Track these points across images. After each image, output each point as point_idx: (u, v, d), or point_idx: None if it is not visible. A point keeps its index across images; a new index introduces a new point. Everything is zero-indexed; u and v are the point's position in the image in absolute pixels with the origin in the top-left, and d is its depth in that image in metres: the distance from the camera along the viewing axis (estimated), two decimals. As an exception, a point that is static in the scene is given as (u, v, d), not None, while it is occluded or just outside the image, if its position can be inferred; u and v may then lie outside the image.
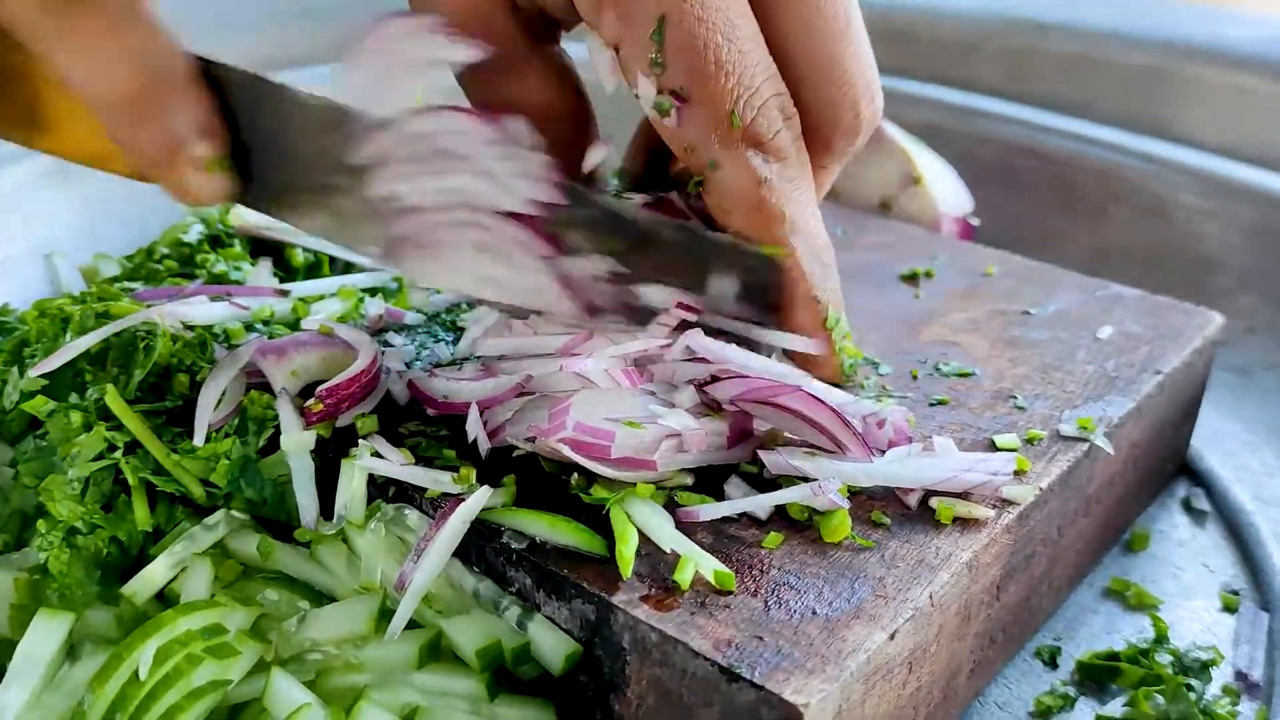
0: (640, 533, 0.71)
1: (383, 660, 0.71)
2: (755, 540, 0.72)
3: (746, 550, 0.71)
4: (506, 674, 0.72)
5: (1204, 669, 0.80)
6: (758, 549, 0.71)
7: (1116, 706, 0.78)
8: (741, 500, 0.73)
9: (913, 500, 0.75)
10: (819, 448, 0.76)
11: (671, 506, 0.74)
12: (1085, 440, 0.81)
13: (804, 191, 0.76)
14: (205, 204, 0.80)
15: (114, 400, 0.81)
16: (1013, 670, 0.83)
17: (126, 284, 1.03)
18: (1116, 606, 0.88)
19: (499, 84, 0.79)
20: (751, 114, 0.72)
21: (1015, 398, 0.85)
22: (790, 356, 0.80)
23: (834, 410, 0.75)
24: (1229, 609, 0.87)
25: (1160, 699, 0.77)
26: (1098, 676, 0.81)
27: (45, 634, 0.71)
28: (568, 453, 0.72)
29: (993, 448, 0.80)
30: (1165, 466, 0.98)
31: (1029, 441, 0.81)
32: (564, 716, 0.72)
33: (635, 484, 0.73)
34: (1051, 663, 0.83)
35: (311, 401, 0.80)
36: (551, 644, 0.70)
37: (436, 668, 0.71)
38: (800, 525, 0.73)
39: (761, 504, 0.73)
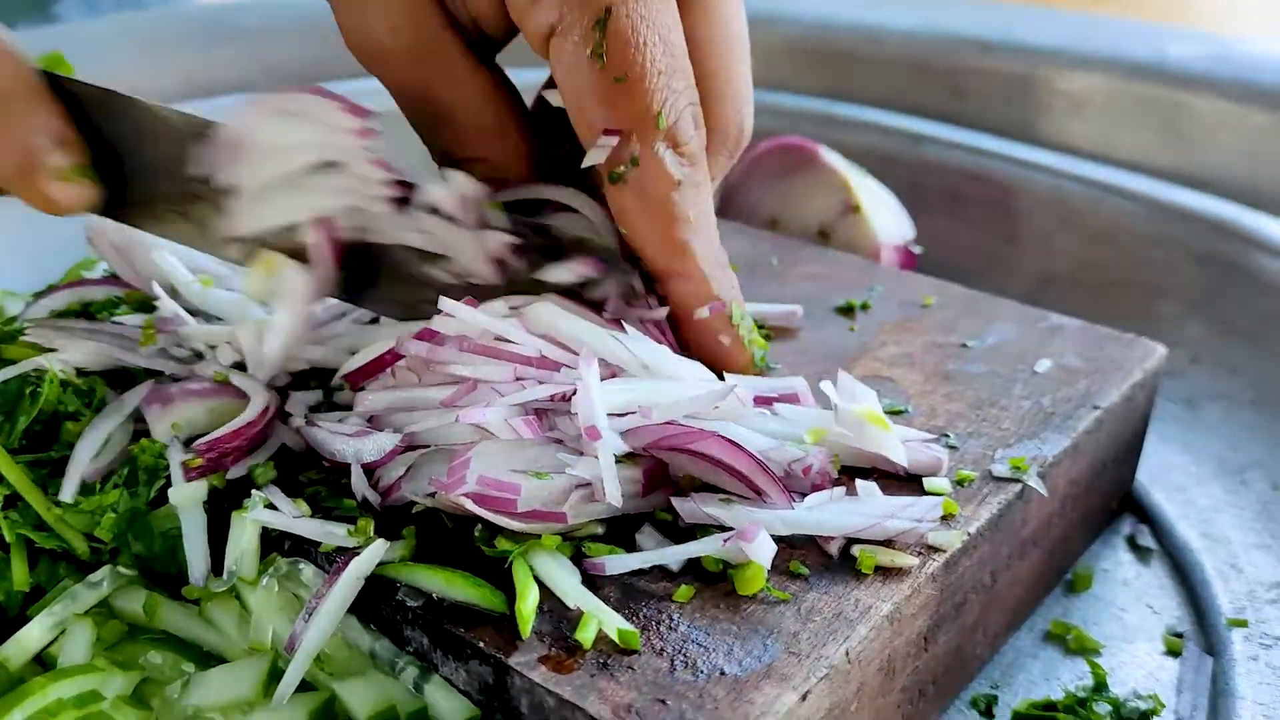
0: (544, 587, 0.67)
1: (269, 727, 0.67)
2: (665, 594, 0.68)
3: (656, 605, 0.67)
4: (405, 739, 0.68)
5: (1144, 719, 0.76)
6: (668, 603, 0.67)
7: (1053, 760, 0.75)
8: (651, 553, 0.69)
9: (834, 548, 0.71)
10: (735, 494, 0.72)
11: (579, 558, 0.70)
12: (1018, 481, 0.77)
13: (707, 198, 0.78)
14: (69, 213, 0.79)
15: (-6, 450, 0.76)
16: (947, 722, 0.79)
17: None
18: (1057, 651, 0.84)
19: (438, 103, 0.79)
20: (675, 116, 0.74)
21: (948, 436, 0.82)
22: (702, 361, 0.80)
23: (751, 456, 0.71)
24: (1172, 652, 0.83)
25: (1098, 752, 0.74)
26: (1034, 728, 0.77)
27: (-94, 705, 0.66)
28: (471, 507, 0.68)
29: (921, 491, 0.76)
30: (1108, 503, 0.95)
31: (959, 483, 0.77)
32: (463, 785, 0.67)
33: (541, 535, 0.69)
34: (987, 713, 0.79)
35: (188, 456, 0.75)
36: (449, 707, 0.66)
37: (328, 734, 0.67)
38: (713, 577, 0.69)
39: (673, 557, 0.69)
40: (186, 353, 0.89)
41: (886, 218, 1.13)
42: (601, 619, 0.64)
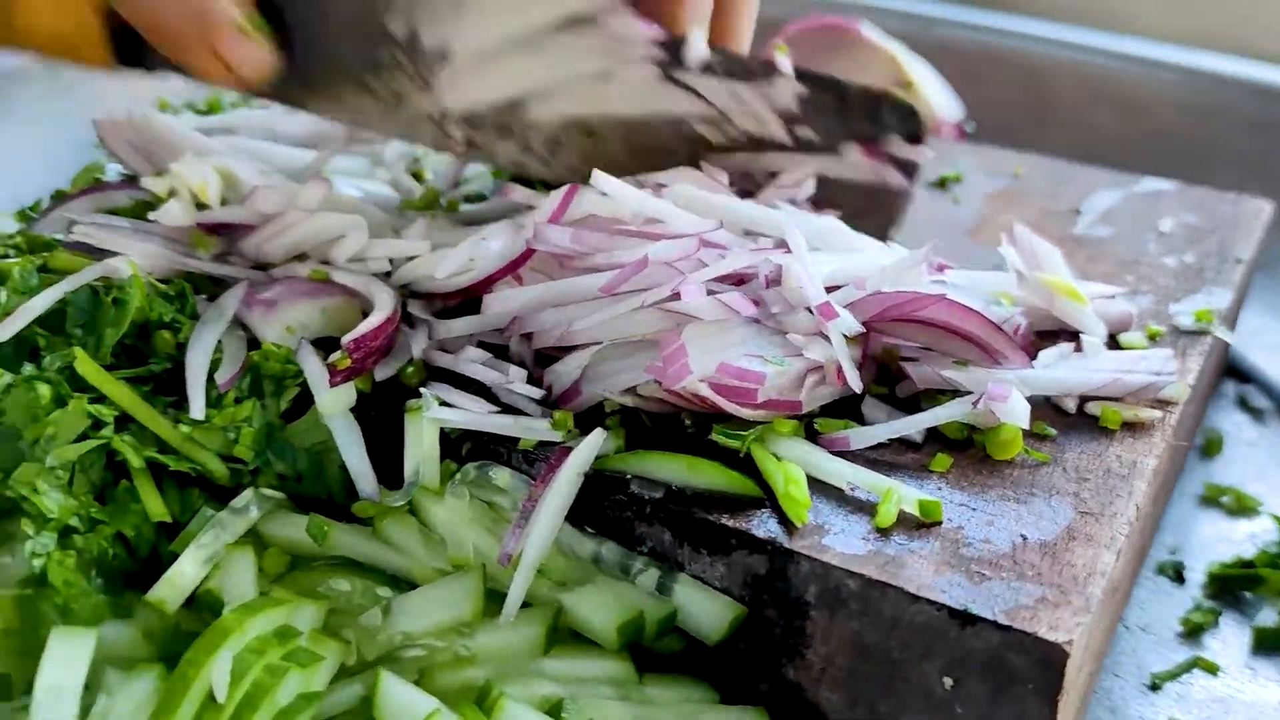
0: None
1: (502, 648, 0.59)
2: (918, 465, 0.62)
3: (915, 476, 0.61)
4: (638, 652, 0.60)
5: (1345, 566, 0.75)
6: (927, 474, 0.61)
7: (1270, 616, 0.72)
8: (896, 423, 0.63)
9: (1070, 406, 0.67)
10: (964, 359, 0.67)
11: (812, 437, 0.63)
12: (1206, 333, 0.75)
13: None
14: (250, 80, 0.67)
15: (87, 365, 0.65)
16: (1141, 591, 0.76)
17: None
18: (1218, 514, 0.82)
19: None
20: None
21: (1114, 297, 0.78)
22: None
23: (984, 317, 0.65)
24: (1331, 505, 0.82)
25: (1314, 603, 0.72)
26: (1234, 588, 0.75)
27: (67, 660, 0.55)
28: (711, 396, 0.60)
29: (1116, 346, 0.72)
30: (1223, 363, 0.94)
31: (1150, 338, 0.74)
32: (723, 693, 0.60)
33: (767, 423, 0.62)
34: (1178, 578, 0.76)
35: (337, 356, 0.65)
36: (707, 608, 0.59)
37: (565, 651, 0.59)
38: (960, 444, 0.64)
39: (918, 425, 0.63)
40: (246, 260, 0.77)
41: (938, 94, 1.09)
42: (900, 493, 0.58)
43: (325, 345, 0.70)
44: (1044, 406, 0.67)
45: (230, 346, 0.68)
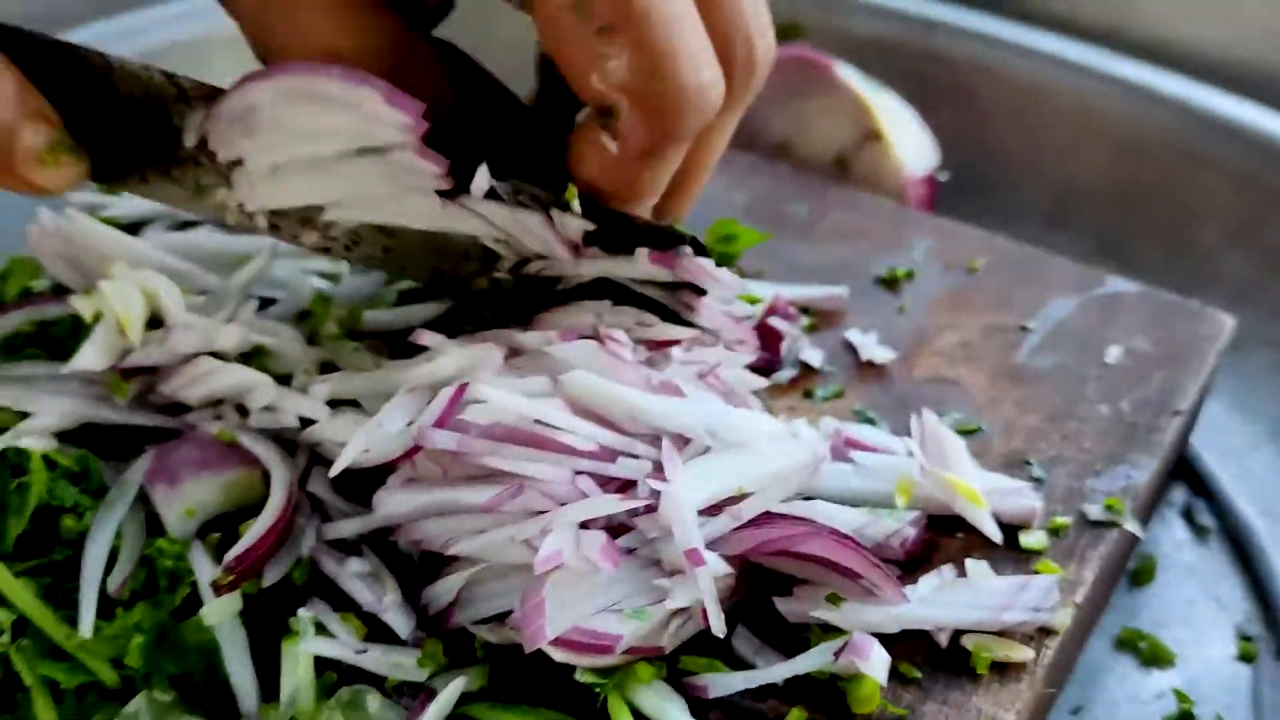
0: (649, 725, 0.62)
1: None
2: (776, 715, 0.63)
3: (767, 734, 0.62)
4: None
5: (1236, 754, 0.75)
6: (781, 731, 0.62)
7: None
8: (758, 672, 0.63)
9: (944, 639, 0.66)
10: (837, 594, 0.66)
11: (675, 675, 0.64)
12: (1115, 525, 0.73)
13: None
14: (61, 193, 0.69)
15: (-11, 566, 0.67)
16: (1032, 763, 0.77)
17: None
18: (1131, 661, 0.82)
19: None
20: None
21: (1030, 464, 0.76)
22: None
23: (861, 551, 0.65)
24: (1246, 658, 0.81)
25: (1197, 797, 0.73)
26: (1125, 772, 0.76)
27: None
28: (562, 658, 0.61)
29: (1015, 544, 0.71)
30: (1168, 479, 0.91)
31: (1054, 533, 0.72)
32: None
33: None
34: (1075, 747, 0.77)
35: (218, 574, 0.67)
36: None
37: None
38: (822, 686, 0.64)
39: (781, 675, 0.63)
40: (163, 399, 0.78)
41: (910, 144, 1.04)
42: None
43: (229, 520, 0.72)
44: (919, 636, 0.67)
45: (129, 534, 0.70)
